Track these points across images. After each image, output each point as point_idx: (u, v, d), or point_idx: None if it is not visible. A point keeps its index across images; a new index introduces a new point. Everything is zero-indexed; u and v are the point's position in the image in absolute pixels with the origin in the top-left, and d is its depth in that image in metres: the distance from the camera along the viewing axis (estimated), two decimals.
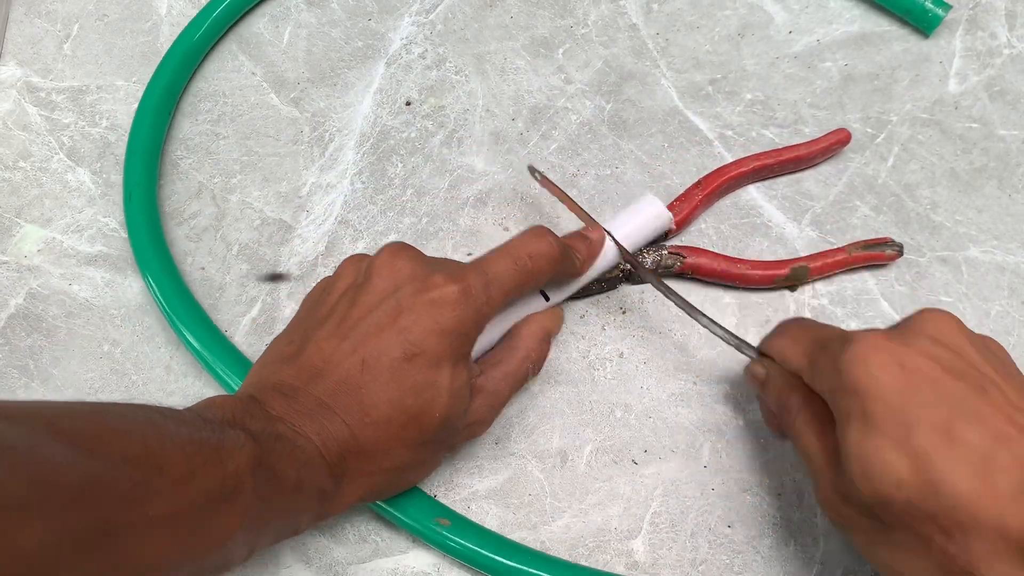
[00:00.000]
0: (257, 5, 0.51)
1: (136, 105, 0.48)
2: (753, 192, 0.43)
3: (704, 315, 0.35)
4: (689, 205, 0.41)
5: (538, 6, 0.49)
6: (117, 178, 0.46)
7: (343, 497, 0.31)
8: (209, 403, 0.29)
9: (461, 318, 0.31)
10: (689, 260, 0.40)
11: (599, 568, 0.35)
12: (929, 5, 0.45)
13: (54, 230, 0.45)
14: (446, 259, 0.34)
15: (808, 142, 0.43)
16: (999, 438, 0.25)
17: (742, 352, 0.35)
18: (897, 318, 0.40)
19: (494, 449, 0.38)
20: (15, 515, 0.19)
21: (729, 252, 0.42)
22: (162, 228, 0.44)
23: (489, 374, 0.34)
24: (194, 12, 0.51)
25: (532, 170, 0.41)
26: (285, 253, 0.43)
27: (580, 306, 0.41)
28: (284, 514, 0.29)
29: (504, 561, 0.34)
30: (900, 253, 0.40)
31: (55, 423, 0.21)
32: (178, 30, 0.50)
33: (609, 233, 0.38)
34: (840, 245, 0.41)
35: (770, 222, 0.42)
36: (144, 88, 0.48)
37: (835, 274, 0.41)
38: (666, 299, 0.36)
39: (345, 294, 0.33)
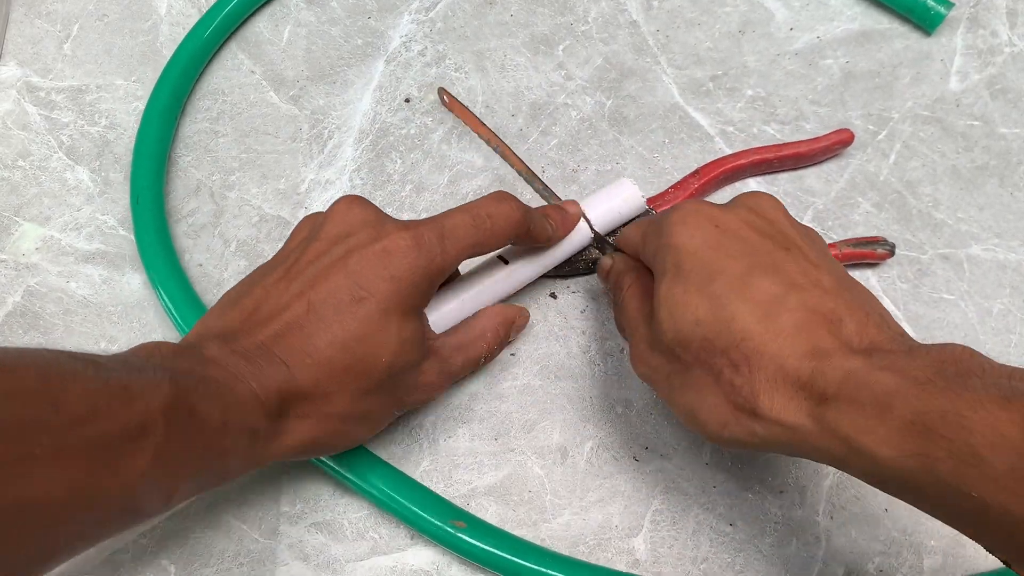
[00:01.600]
0: (260, 7, 0.51)
1: (136, 104, 0.48)
2: (754, 187, 0.43)
3: (600, 235, 0.38)
4: (684, 193, 0.41)
5: (538, 3, 0.49)
6: (115, 176, 0.46)
7: (281, 440, 0.30)
8: (140, 348, 0.29)
9: (413, 266, 0.31)
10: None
11: (609, 567, 0.35)
12: (931, 3, 0.45)
13: (52, 228, 0.45)
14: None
15: (810, 140, 0.43)
16: (790, 285, 0.27)
17: (595, 242, 0.38)
18: (899, 315, 0.40)
19: (494, 445, 0.38)
20: None
21: None
22: (169, 231, 0.43)
23: (443, 340, 0.35)
24: (194, 12, 0.51)
25: (441, 91, 0.40)
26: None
27: (581, 301, 0.41)
28: (206, 457, 0.28)
29: (527, 564, 0.34)
30: (891, 253, 0.40)
31: None
32: (178, 30, 0.50)
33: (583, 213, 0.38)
34: (832, 242, 0.41)
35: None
36: (143, 87, 0.48)
37: None
38: None
39: (300, 243, 0.33)
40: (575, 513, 0.36)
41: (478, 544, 0.34)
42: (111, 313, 0.42)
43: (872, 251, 0.40)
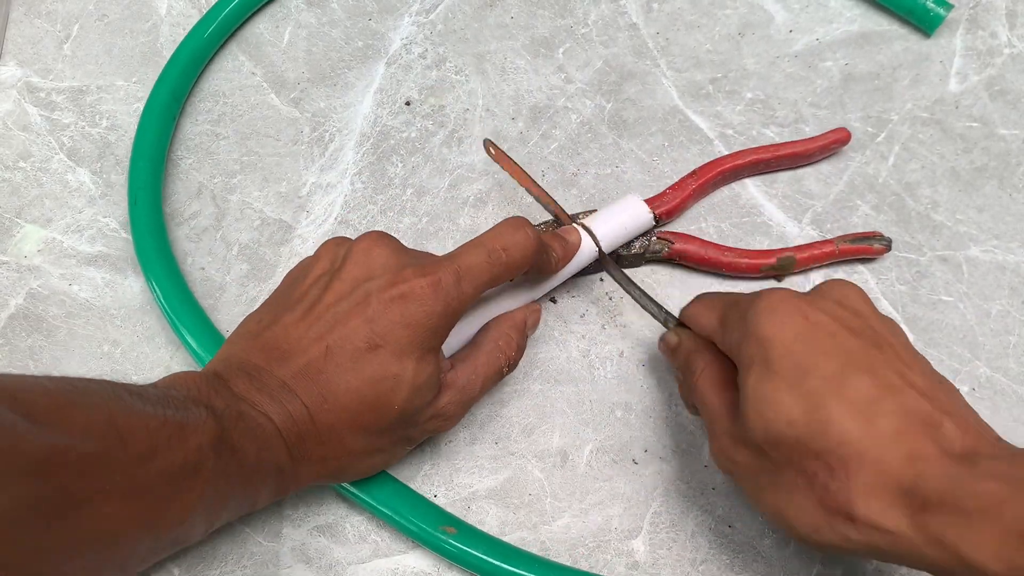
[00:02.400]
0: (260, 7, 0.51)
1: (136, 105, 0.48)
2: (753, 190, 0.43)
3: (638, 288, 0.37)
4: (682, 194, 0.41)
5: (538, 6, 0.49)
6: (117, 178, 0.46)
7: (300, 476, 0.32)
8: (174, 380, 0.29)
9: (429, 312, 0.31)
10: (677, 246, 0.40)
11: (601, 571, 0.35)
12: (931, 5, 0.45)
13: (54, 230, 0.45)
14: (424, 252, 0.34)
15: (807, 139, 0.43)
16: (886, 388, 0.27)
17: (666, 325, 0.36)
18: (898, 317, 0.40)
19: (494, 449, 0.38)
20: None
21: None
22: (167, 232, 0.44)
23: (459, 369, 0.34)
24: (194, 12, 0.51)
25: (487, 144, 0.40)
26: (285, 253, 0.43)
27: (580, 305, 0.41)
28: (244, 490, 0.29)
29: (513, 570, 0.34)
30: (888, 248, 0.40)
31: (16, 396, 0.22)
32: (178, 30, 0.50)
33: (588, 229, 0.38)
34: (829, 238, 0.41)
35: (770, 221, 0.42)
36: (144, 88, 0.48)
37: (822, 266, 0.41)
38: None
39: (319, 279, 0.33)
40: (575, 516, 0.37)
41: (468, 550, 0.34)
42: (114, 316, 0.42)
43: (869, 246, 0.40)
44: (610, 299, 0.41)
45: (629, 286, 0.37)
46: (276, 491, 0.31)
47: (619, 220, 0.39)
